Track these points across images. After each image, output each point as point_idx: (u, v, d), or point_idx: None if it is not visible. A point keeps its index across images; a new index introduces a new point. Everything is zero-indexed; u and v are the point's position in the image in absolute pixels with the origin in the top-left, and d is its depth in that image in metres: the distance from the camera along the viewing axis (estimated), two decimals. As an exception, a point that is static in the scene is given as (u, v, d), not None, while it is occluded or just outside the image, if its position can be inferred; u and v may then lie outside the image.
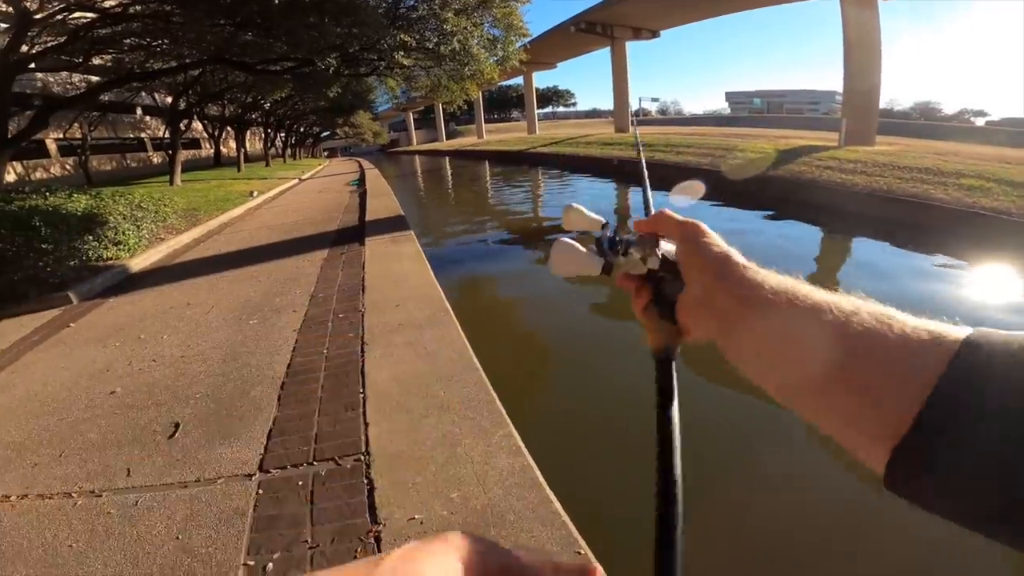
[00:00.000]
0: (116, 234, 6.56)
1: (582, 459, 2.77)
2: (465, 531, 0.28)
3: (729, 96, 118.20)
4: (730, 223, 8.90)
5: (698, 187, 11.51)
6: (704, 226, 0.39)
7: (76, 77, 15.98)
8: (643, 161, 0.72)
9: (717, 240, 0.38)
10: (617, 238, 0.43)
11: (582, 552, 1.64)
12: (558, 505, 1.82)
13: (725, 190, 11.02)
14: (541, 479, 1.95)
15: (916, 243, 6.74)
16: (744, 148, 13.65)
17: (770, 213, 9.09)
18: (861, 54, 14.11)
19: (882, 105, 15.91)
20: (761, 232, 8.20)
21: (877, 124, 14.20)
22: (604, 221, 0.45)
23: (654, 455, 0.36)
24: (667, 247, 0.41)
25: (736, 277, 0.34)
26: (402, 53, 8.60)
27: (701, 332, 0.37)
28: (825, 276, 6.08)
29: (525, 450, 2.12)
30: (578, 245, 0.42)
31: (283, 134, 36.49)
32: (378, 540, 1.74)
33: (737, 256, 0.36)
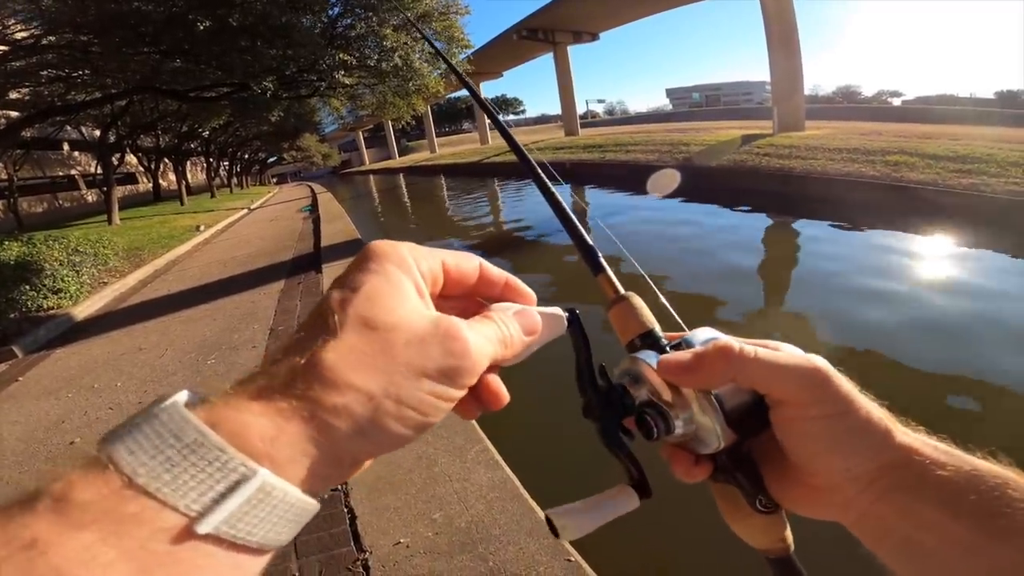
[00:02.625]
0: (54, 282, 6.16)
1: (562, 467, 2.78)
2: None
3: (669, 92, 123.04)
4: (682, 218, 9.21)
5: (673, 176, 11.69)
6: (824, 367, 0.27)
7: (-7, 113, 14.95)
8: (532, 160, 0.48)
9: (858, 398, 0.27)
10: (634, 402, 0.29)
11: (572, 560, 1.64)
12: (542, 515, 1.82)
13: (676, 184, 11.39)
14: (522, 491, 1.95)
15: (845, 219, 7.16)
16: (688, 142, 14.18)
17: (717, 204, 9.46)
18: (782, 41, 14.94)
19: (807, 91, 16.90)
20: (709, 224, 8.52)
21: (804, 109, 15.05)
22: (563, 313, 0.29)
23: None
24: (722, 397, 0.27)
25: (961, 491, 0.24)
26: (343, 72, 8.48)
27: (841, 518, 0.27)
28: (782, 264, 6.37)
29: (503, 463, 2.12)
30: (582, 505, 0.28)
31: (227, 162, 35.24)
32: (366, 567, 1.72)
33: (903, 432, 0.26)
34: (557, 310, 0.30)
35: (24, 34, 7.63)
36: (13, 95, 9.92)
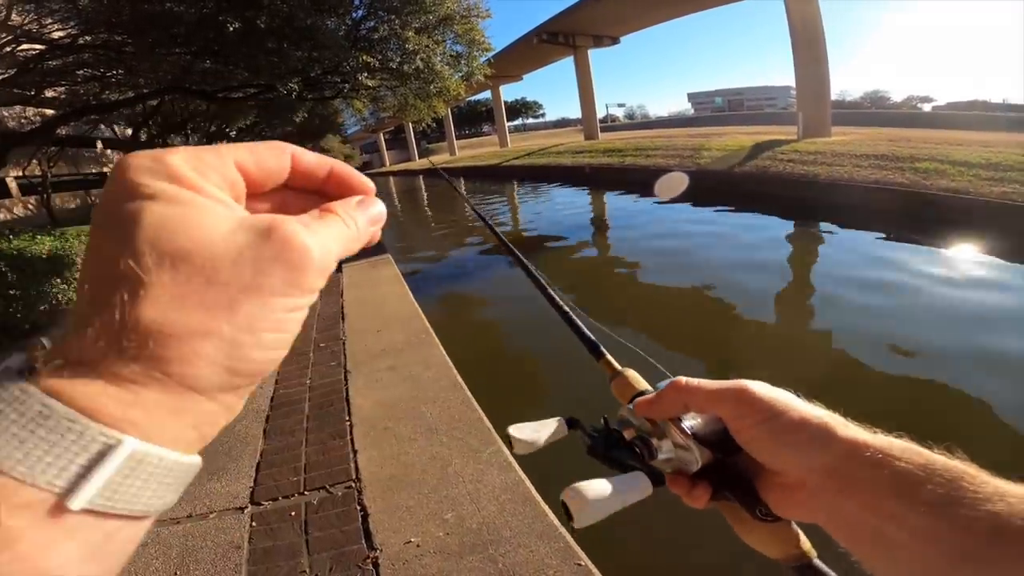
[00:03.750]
0: (85, 276, 6.36)
1: (575, 470, 2.77)
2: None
3: (691, 97, 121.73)
4: (706, 223, 9.09)
5: (681, 179, 11.61)
6: (751, 385, 0.31)
7: (30, 111, 15.52)
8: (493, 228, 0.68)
9: (787, 403, 0.30)
10: (628, 437, 0.35)
11: (583, 564, 1.63)
12: (553, 518, 1.82)
13: (696, 190, 11.25)
14: (535, 493, 1.95)
15: (871, 228, 6.98)
16: (710, 147, 14.00)
17: (743, 210, 9.31)
18: (808, 46, 14.66)
19: (833, 96, 16.54)
20: (733, 231, 8.39)
21: (830, 115, 14.74)
22: (562, 420, 0.39)
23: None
24: (689, 423, 0.33)
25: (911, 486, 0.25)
26: (366, 74, 8.60)
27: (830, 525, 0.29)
28: (804, 274, 6.24)
29: (516, 465, 2.12)
30: (600, 483, 0.32)
31: (251, 162, 35.99)
32: (376, 565, 1.73)
33: (854, 432, 0.28)
34: (557, 421, 0.39)
35: (61, 33, 7.91)
36: (49, 93, 10.31)
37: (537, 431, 0.39)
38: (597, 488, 0.31)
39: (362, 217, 0.24)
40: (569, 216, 11.39)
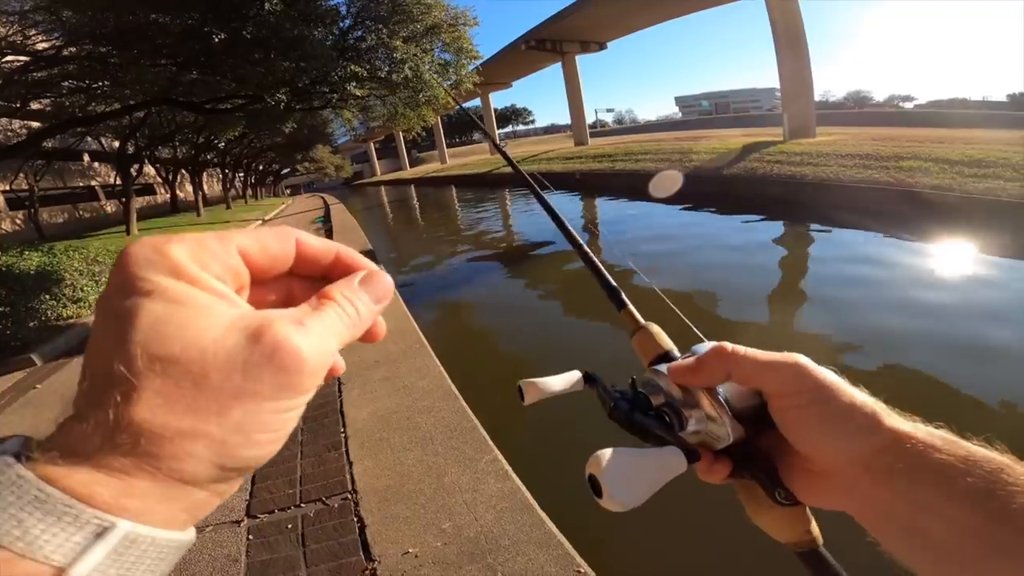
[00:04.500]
0: (74, 291, 6.28)
1: (573, 479, 2.76)
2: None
3: (679, 100, 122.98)
4: (696, 226, 9.17)
5: (675, 178, 11.71)
6: (804, 360, 0.29)
7: (16, 123, 15.34)
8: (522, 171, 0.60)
9: (840, 386, 0.28)
10: (652, 403, 0.32)
11: (582, 571, 1.62)
12: (552, 526, 1.80)
13: (686, 192, 11.35)
14: (532, 501, 1.94)
15: (858, 226, 7.07)
16: (698, 150, 14.15)
17: (732, 211, 9.39)
18: (790, 47, 14.89)
19: (817, 97, 16.79)
20: (725, 233, 8.47)
21: (815, 115, 14.95)
22: (581, 374, 0.36)
23: None
24: (723, 394, 0.30)
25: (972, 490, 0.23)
26: (354, 84, 8.59)
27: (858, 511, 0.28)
28: (797, 274, 6.30)
29: (513, 474, 2.11)
30: (631, 453, 0.27)
31: (242, 174, 35.84)
32: (374, 578, 1.70)
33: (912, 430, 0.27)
34: (576, 373, 0.36)
35: (45, 45, 7.85)
36: (35, 105, 10.21)
37: (550, 382, 0.36)
38: (629, 459, 0.26)
39: (363, 298, 0.23)
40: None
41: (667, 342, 0.37)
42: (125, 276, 0.19)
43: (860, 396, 0.28)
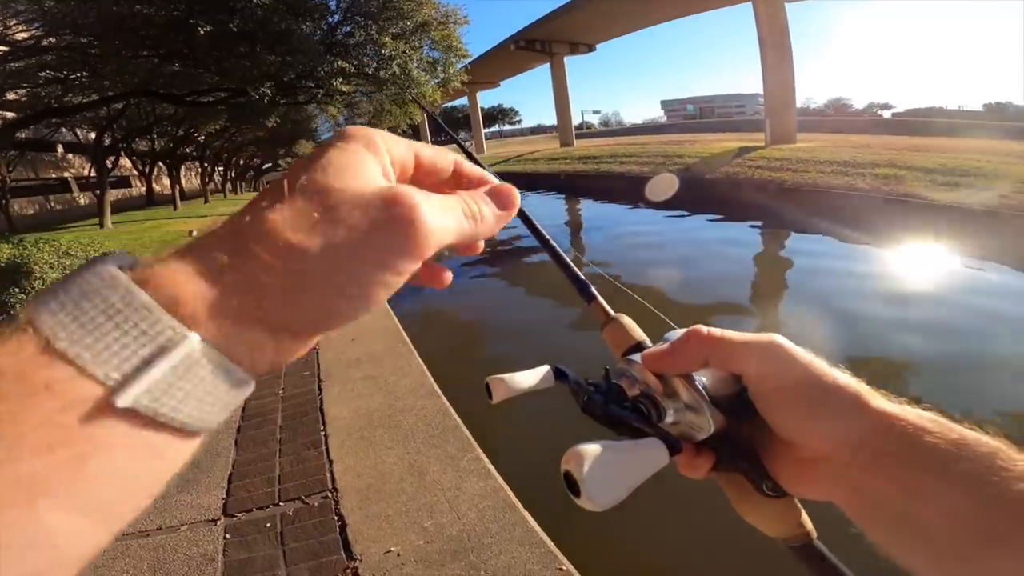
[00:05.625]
0: (43, 284, 6.09)
1: (556, 476, 2.77)
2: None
3: (664, 104, 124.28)
4: (678, 228, 9.28)
5: (671, 181, 11.78)
6: (782, 340, 0.28)
7: (-11, 113, 14.82)
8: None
9: (820, 365, 0.27)
10: (624, 391, 0.31)
11: (564, 569, 1.63)
12: (534, 524, 1.82)
13: (670, 195, 11.47)
14: (515, 499, 1.95)
15: (834, 231, 7.25)
16: (682, 154, 14.34)
17: (714, 214, 9.53)
18: (776, 54, 15.20)
19: (799, 103, 17.14)
20: (701, 235, 8.59)
21: (796, 122, 15.27)
22: (550, 369, 0.34)
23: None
24: (701, 381, 0.29)
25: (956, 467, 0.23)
26: (340, 80, 8.51)
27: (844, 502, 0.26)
28: (773, 276, 6.42)
29: (495, 472, 2.11)
30: (610, 446, 0.25)
31: (222, 168, 35.14)
32: (356, 575, 1.69)
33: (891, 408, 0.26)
34: (545, 368, 0.34)
35: (25, 35, 7.61)
36: (10, 96, 9.88)
37: (519, 378, 0.34)
38: (608, 455, 0.24)
39: (485, 199, 0.26)
40: (544, 223, 11.37)
41: (639, 333, 0.36)
42: (335, 139, 0.22)
43: (843, 376, 0.27)
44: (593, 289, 0.40)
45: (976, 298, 4.66)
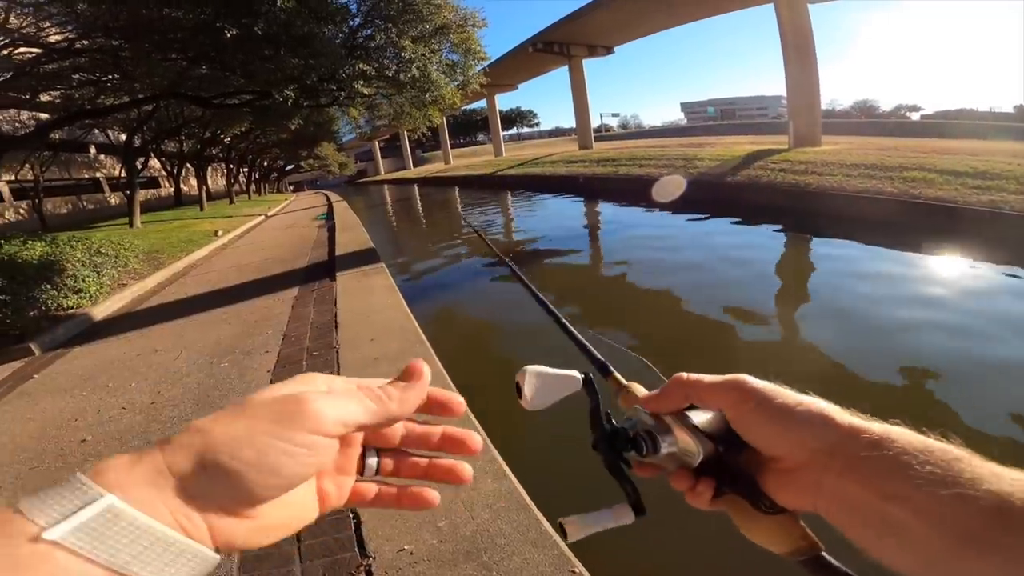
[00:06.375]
0: (75, 281, 6.31)
1: (568, 479, 2.76)
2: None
3: (684, 107, 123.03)
4: (699, 233, 9.16)
5: (678, 182, 11.71)
6: (747, 376, 0.33)
7: (24, 115, 15.42)
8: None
9: (780, 390, 0.31)
10: (630, 433, 0.36)
11: (577, 571, 1.63)
12: (547, 526, 1.81)
13: (689, 199, 11.35)
14: (529, 501, 1.94)
15: (861, 236, 7.07)
16: (702, 157, 14.15)
17: (735, 218, 9.39)
18: (799, 56, 14.89)
19: (824, 105, 16.77)
20: (726, 239, 8.46)
21: (821, 124, 14.94)
22: (579, 376, 0.38)
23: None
24: (696, 418, 0.34)
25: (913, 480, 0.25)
26: (362, 82, 8.63)
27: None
28: (797, 285, 6.30)
29: (511, 473, 2.11)
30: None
31: (246, 169, 35.94)
32: (369, 573, 1.72)
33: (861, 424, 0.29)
34: (575, 373, 0.38)
35: (58, 37, 7.90)
36: (44, 97, 10.27)
37: (551, 381, 0.39)
38: (586, 518, 0.35)
39: (392, 386, 0.34)
40: (563, 226, 11.42)
41: (644, 392, 0.42)
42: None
43: (806, 397, 0.31)
44: (610, 367, 0.47)
45: (1016, 304, 4.50)
